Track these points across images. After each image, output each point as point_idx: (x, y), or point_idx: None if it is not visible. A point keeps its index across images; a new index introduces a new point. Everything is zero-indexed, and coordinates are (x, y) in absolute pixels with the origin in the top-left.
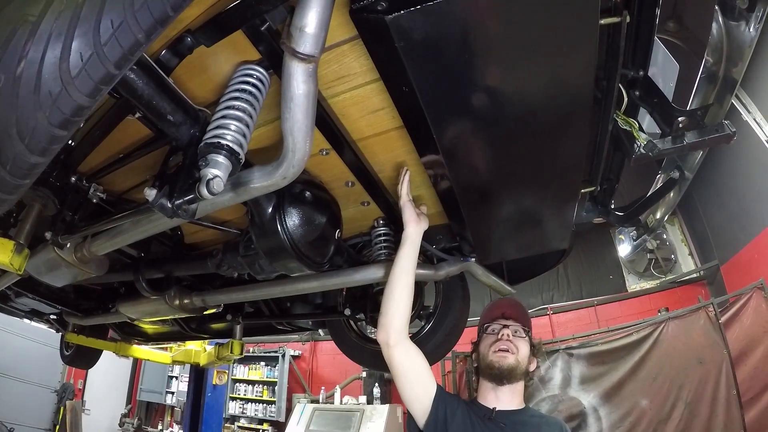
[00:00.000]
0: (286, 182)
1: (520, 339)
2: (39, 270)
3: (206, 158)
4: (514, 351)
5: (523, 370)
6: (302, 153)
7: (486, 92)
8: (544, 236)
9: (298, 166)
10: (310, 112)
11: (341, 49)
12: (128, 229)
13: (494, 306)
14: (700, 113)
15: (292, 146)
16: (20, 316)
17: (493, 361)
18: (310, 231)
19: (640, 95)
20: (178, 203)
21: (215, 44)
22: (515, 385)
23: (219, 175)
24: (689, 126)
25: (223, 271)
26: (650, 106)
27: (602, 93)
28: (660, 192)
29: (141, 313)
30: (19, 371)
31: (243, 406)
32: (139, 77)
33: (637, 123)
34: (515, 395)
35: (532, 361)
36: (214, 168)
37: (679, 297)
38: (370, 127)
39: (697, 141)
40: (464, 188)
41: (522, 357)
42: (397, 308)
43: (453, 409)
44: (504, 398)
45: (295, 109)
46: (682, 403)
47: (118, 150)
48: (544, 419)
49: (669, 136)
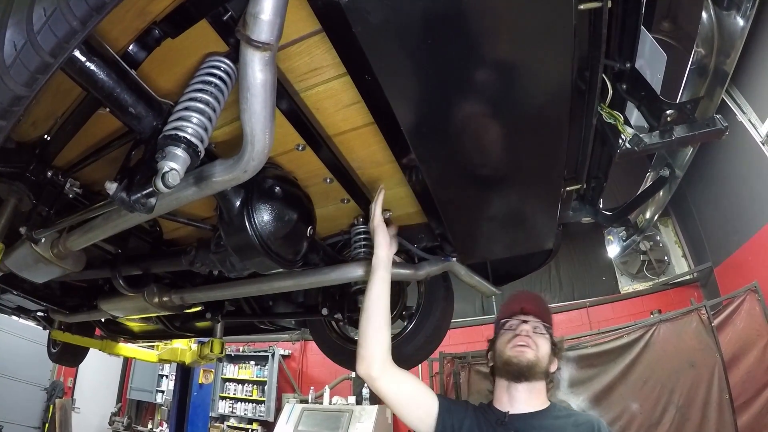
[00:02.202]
0: (247, 176)
1: (540, 336)
2: (18, 266)
3: (164, 150)
4: (534, 347)
5: (543, 368)
6: (262, 145)
7: (454, 81)
8: (527, 236)
9: (258, 158)
10: (268, 103)
11: (311, 41)
12: (100, 224)
13: (513, 300)
14: (689, 107)
15: (250, 138)
16: (7, 312)
17: (511, 357)
18: (279, 227)
19: (627, 88)
20: (136, 197)
21: (182, 35)
22: (533, 384)
23: (175, 168)
24: (678, 120)
25: (196, 268)
26: (637, 100)
27: (585, 84)
28: (649, 191)
29: (121, 310)
30: (9, 369)
31: (233, 405)
32: (99, 68)
33: (622, 116)
34: (534, 395)
35: (553, 361)
36: (171, 161)
37: (672, 299)
38: (346, 121)
39: (686, 135)
40: (438, 185)
41: (542, 354)
42: (375, 339)
43: (460, 419)
44: (520, 398)
45: (253, 99)
46: (673, 407)
47: (93, 143)
48: (573, 419)
49: (657, 130)
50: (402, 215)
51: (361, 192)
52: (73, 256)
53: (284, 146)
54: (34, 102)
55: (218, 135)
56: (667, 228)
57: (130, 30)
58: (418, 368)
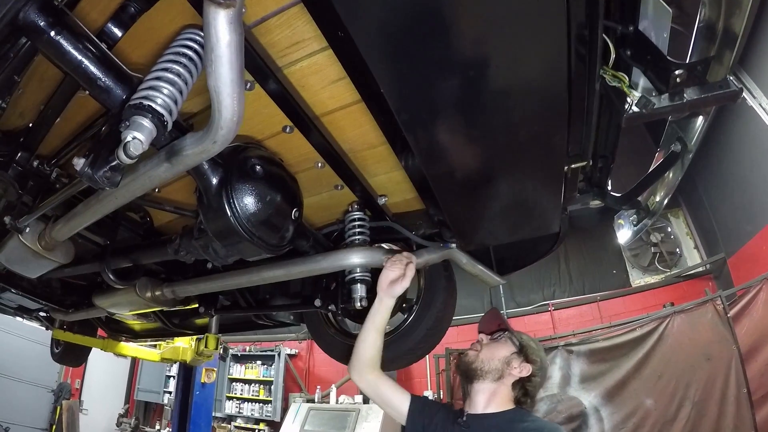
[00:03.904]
0: (217, 147)
1: (492, 342)
2: (9, 260)
3: (128, 120)
4: (477, 349)
5: (490, 368)
6: (230, 111)
7: (436, 43)
8: (529, 218)
9: (227, 126)
10: (235, 65)
11: (291, 12)
12: (81, 211)
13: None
14: (700, 67)
15: (217, 105)
16: (9, 313)
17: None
18: (260, 208)
19: (632, 54)
20: (100, 171)
21: (155, 7)
22: (485, 385)
23: (138, 137)
24: (689, 82)
25: (181, 256)
26: (643, 64)
27: (585, 48)
28: (661, 168)
29: (115, 305)
30: (16, 371)
31: (239, 405)
32: (66, 39)
33: (627, 78)
34: (487, 397)
35: (521, 366)
36: (134, 130)
37: (684, 291)
38: (333, 99)
39: (699, 98)
40: (428, 159)
41: (486, 356)
42: (364, 354)
43: (431, 416)
44: (476, 399)
45: (218, 62)
46: (689, 402)
47: (75, 127)
48: (527, 424)
49: (666, 93)
50: (399, 201)
51: (354, 177)
52: (61, 247)
53: (271, 128)
54: (21, 92)
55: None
56: (678, 219)
57: (108, 10)
58: (425, 364)
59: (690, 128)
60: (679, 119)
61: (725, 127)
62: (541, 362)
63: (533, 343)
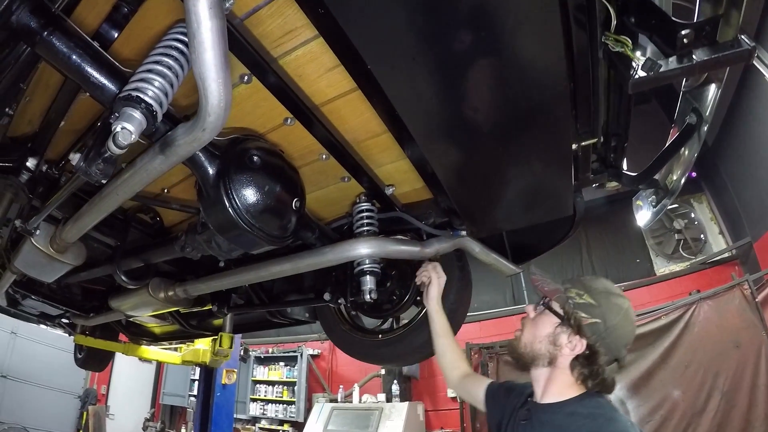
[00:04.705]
0: (207, 135)
1: (528, 321)
2: (25, 265)
3: (119, 112)
4: (517, 334)
5: (534, 353)
6: (216, 97)
7: (422, 16)
8: (540, 200)
9: (215, 113)
10: (218, 50)
11: (281, 1)
12: (87, 210)
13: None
14: (708, 27)
15: (203, 92)
16: (32, 320)
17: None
18: (259, 199)
19: (636, 20)
20: (95, 164)
21: (144, 4)
22: (536, 372)
23: (128, 128)
24: (696, 43)
25: (187, 253)
26: (649, 30)
27: (584, 14)
28: (677, 142)
29: (130, 307)
30: (43, 378)
31: (263, 407)
32: (58, 39)
33: (629, 41)
34: (543, 385)
35: (561, 340)
36: (124, 121)
37: (710, 278)
38: (331, 87)
39: (709, 59)
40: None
41: (528, 337)
42: (443, 361)
43: (503, 407)
44: (535, 387)
45: (200, 48)
46: (718, 392)
47: (79, 130)
48: (582, 422)
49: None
50: (408, 191)
51: (360, 168)
52: (73, 249)
53: (272, 121)
54: (28, 100)
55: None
56: (701, 204)
57: (103, 12)
58: None
59: (704, 98)
60: (691, 90)
61: (746, 108)
62: (605, 325)
63: (592, 297)
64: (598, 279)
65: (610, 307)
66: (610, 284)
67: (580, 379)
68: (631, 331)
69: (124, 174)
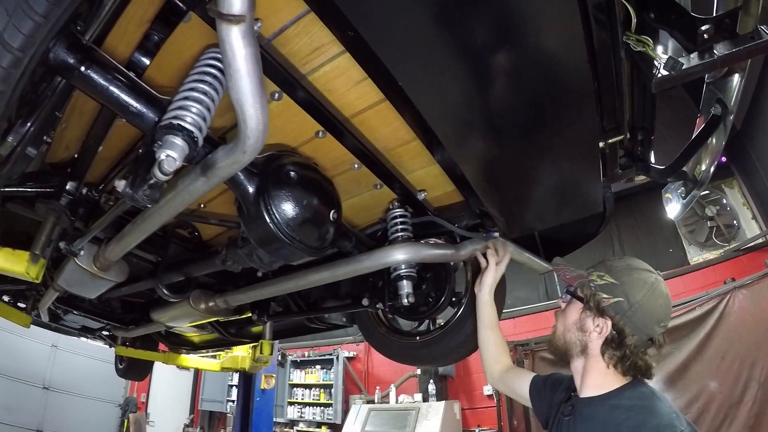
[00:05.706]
0: (247, 156)
1: (559, 313)
2: (69, 283)
3: (161, 140)
4: (553, 329)
5: (568, 343)
6: (255, 121)
7: (444, 27)
8: (570, 199)
9: (254, 136)
10: (254, 76)
11: (306, 20)
12: (130, 230)
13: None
14: (728, 20)
15: (242, 116)
16: (74, 334)
17: None
18: (298, 212)
19: (655, 16)
20: (140, 190)
21: (176, 32)
22: (574, 364)
23: (171, 155)
24: (717, 37)
25: (228, 266)
26: (668, 26)
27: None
28: (703, 133)
29: (172, 318)
30: (85, 389)
31: (301, 410)
32: (96, 72)
33: (651, 41)
34: (580, 377)
35: (588, 325)
36: (167, 148)
37: (745, 265)
38: (361, 99)
39: (730, 53)
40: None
41: (561, 327)
42: (485, 353)
43: (548, 402)
44: (576, 382)
45: (236, 75)
46: (755, 383)
47: (117, 154)
48: (625, 415)
49: (695, 52)
50: (440, 195)
51: (392, 175)
52: (116, 267)
53: (304, 135)
54: (64, 126)
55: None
56: (732, 189)
57: (134, 40)
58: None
59: (728, 88)
60: (715, 80)
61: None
62: (629, 302)
63: (612, 277)
64: (622, 258)
65: (632, 283)
66: (635, 261)
67: (612, 363)
68: (661, 305)
69: (167, 195)
